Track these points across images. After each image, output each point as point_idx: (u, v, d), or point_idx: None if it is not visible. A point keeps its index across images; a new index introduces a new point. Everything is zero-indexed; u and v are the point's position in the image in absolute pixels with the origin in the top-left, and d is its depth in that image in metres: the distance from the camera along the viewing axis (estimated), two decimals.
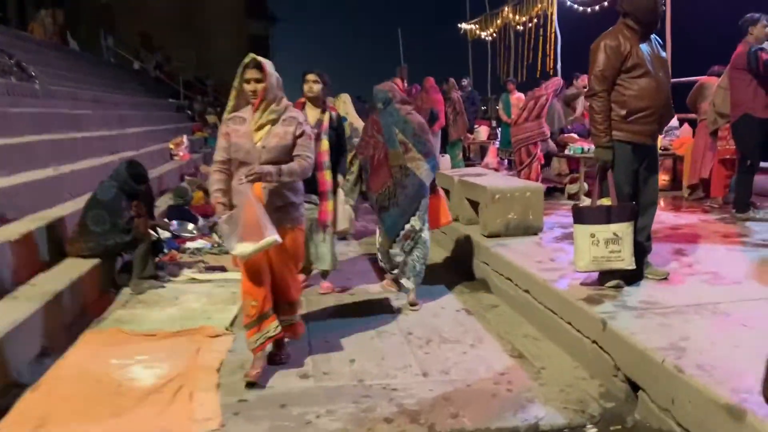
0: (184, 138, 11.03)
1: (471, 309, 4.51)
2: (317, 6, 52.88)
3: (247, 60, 3.21)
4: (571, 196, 7.57)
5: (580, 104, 9.15)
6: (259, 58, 3.19)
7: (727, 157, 6.42)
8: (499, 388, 3.19)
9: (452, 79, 10.99)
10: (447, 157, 9.73)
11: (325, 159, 4.59)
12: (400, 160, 4.43)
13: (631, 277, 3.84)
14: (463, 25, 17.92)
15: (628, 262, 3.66)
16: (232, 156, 3.23)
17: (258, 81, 3.17)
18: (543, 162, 7.76)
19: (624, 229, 3.64)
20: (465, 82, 12.13)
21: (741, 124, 5.89)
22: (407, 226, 4.47)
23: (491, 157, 11.13)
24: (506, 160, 11.37)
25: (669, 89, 3.94)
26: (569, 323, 3.64)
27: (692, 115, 7.62)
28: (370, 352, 3.71)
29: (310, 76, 4.63)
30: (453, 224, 6.09)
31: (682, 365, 2.64)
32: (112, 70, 17.54)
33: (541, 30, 13.36)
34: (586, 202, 3.92)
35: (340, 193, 4.68)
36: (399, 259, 4.56)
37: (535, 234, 5.41)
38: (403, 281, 4.62)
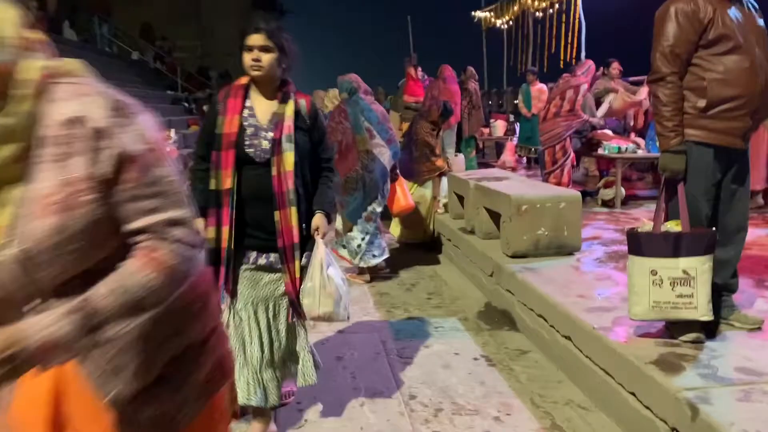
0: (172, 132, 10.10)
1: (492, 357, 3.50)
2: None
3: None
4: (605, 203, 6.52)
5: (604, 105, 7.41)
6: None
7: None
8: None
9: (471, 68, 9.90)
10: (461, 156, 8.65)
11: (289, 186, 2.38)
12: (367, 145, 4.68)
13: (709, 325, 2.82)
14: (478, 13, 16.84)
15: (702, 312, 2.60)
16: None
17: None
18: (575, 164, 6.67)
19: (699, 266, 2.58)
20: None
21: None
22: (369, 209, 4.72)
23: (508, 155, 10.19)
24: (525, 158, 10.41)
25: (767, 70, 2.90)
26: (632, 394, 2.62)
27: None
28: (358, 429, 2.71)
29: (256, 39, 2.34)
30: (468, 239, 5.12)
31: None
32: (107, 60, 16.60)
33: (563, 16, 12.31)
34: (646, 226, 2.85)
35: (320, 246, 2.44)
36: (357, 242, 4.77)
37: (572, 254, 4.37)
38: (371, 261, 4.84)
